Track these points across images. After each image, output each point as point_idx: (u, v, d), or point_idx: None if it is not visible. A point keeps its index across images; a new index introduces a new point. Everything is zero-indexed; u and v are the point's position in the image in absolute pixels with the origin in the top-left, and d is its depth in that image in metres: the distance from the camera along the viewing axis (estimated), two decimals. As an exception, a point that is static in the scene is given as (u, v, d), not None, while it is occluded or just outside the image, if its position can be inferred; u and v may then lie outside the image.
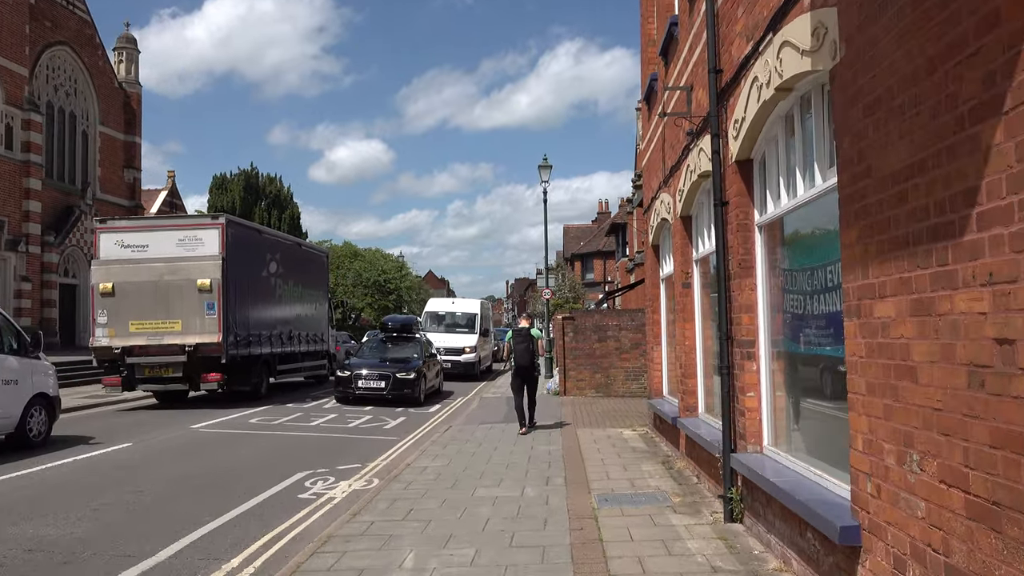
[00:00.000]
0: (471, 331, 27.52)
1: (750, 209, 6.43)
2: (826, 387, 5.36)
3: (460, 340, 26.53)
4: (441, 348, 24.62)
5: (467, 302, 30.74)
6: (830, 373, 5.20)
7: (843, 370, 4.85)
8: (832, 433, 5.15)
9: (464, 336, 27.01)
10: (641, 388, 19.03)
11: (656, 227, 11.56)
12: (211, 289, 16.74)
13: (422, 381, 18.06)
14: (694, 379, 9.18)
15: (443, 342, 25.47)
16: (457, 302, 30.96)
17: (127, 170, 37.71)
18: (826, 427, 5.37)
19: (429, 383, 19.04)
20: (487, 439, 12.11)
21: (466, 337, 26.91)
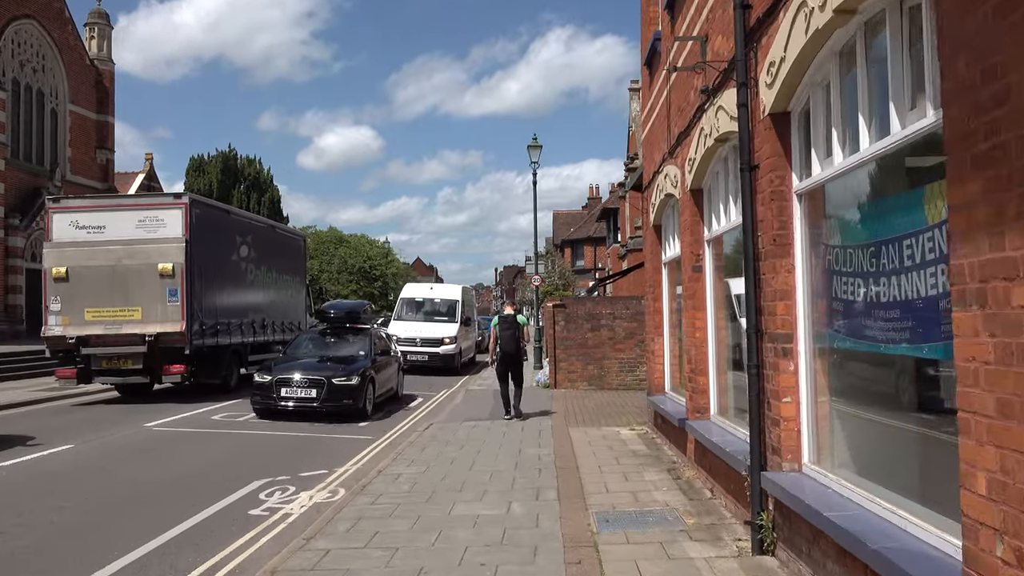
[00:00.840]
0: (451, 319, 24.78)
1: (787, 173, 5.25)
2: (902, 395, 4.22)
3: (438, 330, 23.95)
4: (417, 339, 22.99)
5: (447, 288, 27.73)
6: (907, 377, 4.04)
7: (935, 374, 3.70)
8: (908, 456, 4.01)
9: (443, 325, 24.28)
10: (636, 380, 17.92)
11: (658, 205, 10.39)
12: (174, 274, 15.46)
13: (369, 387, 13.78)
14: (705, 376, 8.03)
15: (419, 332, 23.52)
16: (436, 287, 27.84)
17: (100, 151, 36.18)
18: (897, 447, 4.23)
19: (382, 387, 14.98)
20: (470, 440, 10.95)
21: (445, 326, 24.26)
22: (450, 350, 23.59)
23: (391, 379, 15.97)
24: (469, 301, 27.92)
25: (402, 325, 24.27)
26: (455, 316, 24.91)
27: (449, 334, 23.86)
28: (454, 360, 23.67)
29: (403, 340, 22.60)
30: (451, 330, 24.15)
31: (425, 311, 25.23)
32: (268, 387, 13.40)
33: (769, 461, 5.38)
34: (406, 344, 22.56)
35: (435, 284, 27.86)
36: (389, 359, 16.10)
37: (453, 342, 23.75)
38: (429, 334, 23.55)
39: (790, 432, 5.15)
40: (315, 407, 13.17)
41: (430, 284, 27.20)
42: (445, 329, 24.04)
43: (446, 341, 23.55)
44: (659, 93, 9.99)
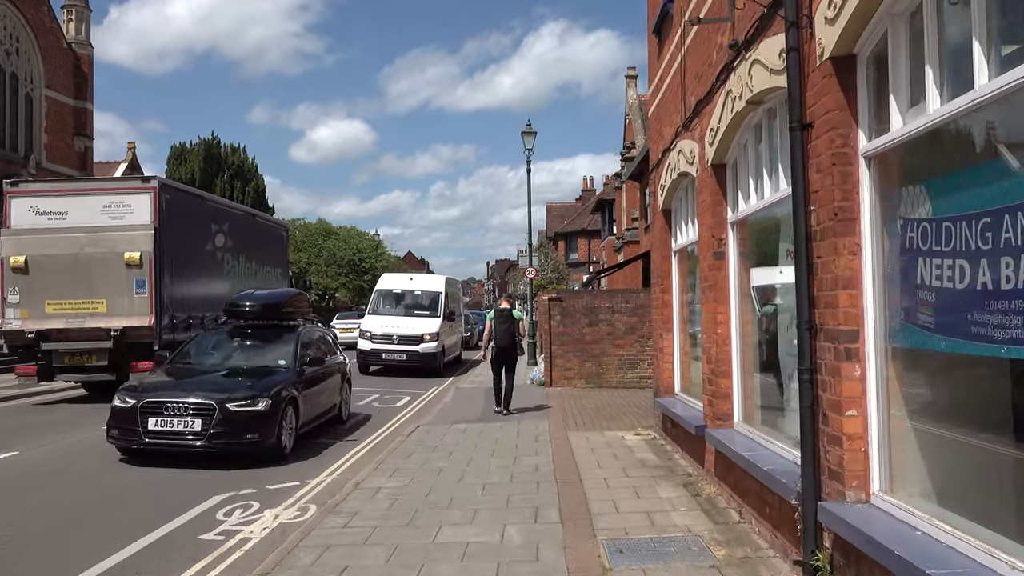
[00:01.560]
0: (433, 314, 22.00)
1: (851, 131, 4.23)
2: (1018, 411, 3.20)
3: (418, 325, 21.13)
4: (394, 335, 20.63)
5: (429, 278, 24.68)
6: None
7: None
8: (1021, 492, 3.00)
9: (424, 320, 21.51)
10: (637, 378, 16.93)
11: (669, 187, 9.36)
12: (141, 263, 14.35)
13: (289, 413, 9.72)
14: (728, 379, 7.02)
15: (396, 328, 20.93)
16: (417, 278, 24.39)
17: (78, 138, 34.86)
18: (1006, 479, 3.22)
19: (314, 411, 10.86)
20: (460, 445, 9.92)
21: (426, 321, 21.47)
22: (431, 348, 20.98)
23: (329, 397, 11.67)
24: (454, 294, 25.29)
25: (377, 320, 21.60)
26: (437, 310, 22.18)
27: (430, 330, 21.15)
28: (435, 360, 21.17)
29: (378, 337, 20.84)
30: (432, 325, 21.41)
31: (404, 304, 22.46)
32: (129, 416, 9.09)
33: (825, 487, 4.36)
34: (381, 341, 20.76)
35: (416, 274, 24.50)
36: (328, 369, 11.59)
37: (435, 339, 21.11)
38: (407, 330, 20.88)
39: (855, 453, 4.13)
40: (198, 447, 8.88)
41: (410, 275, 23.95)
42: (426, 324, 21.29)
43: (427, 338, 20.86)
44: (671, 60, 8.95)
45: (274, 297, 12.68)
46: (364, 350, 20.97)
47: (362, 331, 21.50)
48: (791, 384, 5.66)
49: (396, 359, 20.66)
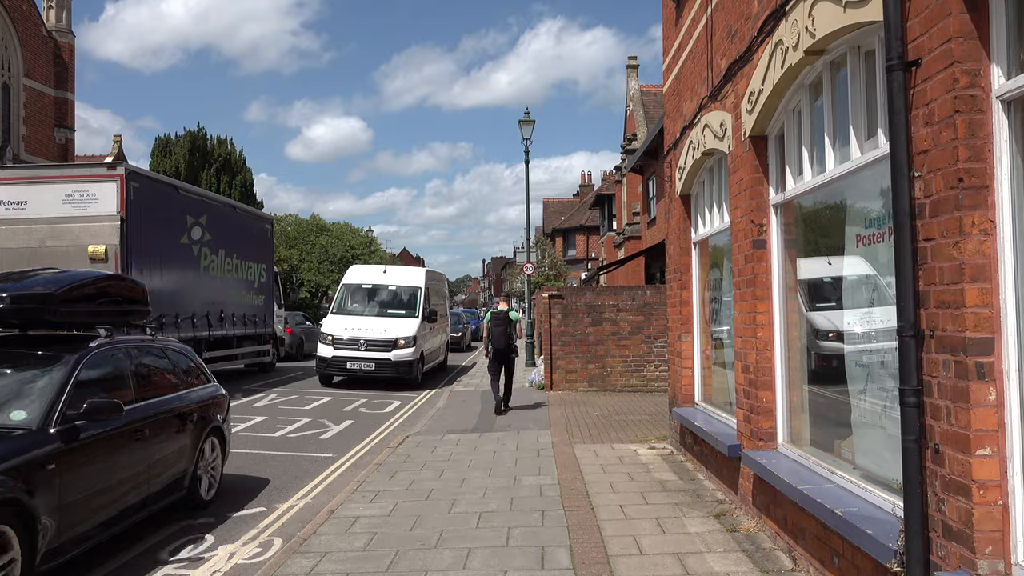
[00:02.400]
0: (410, 314, 18.28)
1: (982, 66, 3.10)
2: None
3: (391, 327, 17.51)
4: (361, 340, 17.07)
5: (406, 271, 20.65)
6: None
7: None
8: None
9: (398, 321, 17.83)
10: (643, 381, 15.82)
11: (690, 169, 8.23)
12: (106, 258, 13.19)
13: (38, 527, 4.64)
14: (770, 391, 5.89)
15: (364, 331, 17.33)
16: (392, 271, 20.38)
17: (58, 129, 33.69)
18: None
19: (108, 506, 5.57)
20: (453, 461, 8.79)
21: (401, 323, 17.78)
22: (406, 356, 17.22)
23: (153, 473, 6.28)
24: (438, 289, 21.87)
25: (342, 321, 17.86)
26: (416, 309, 18.43)
27: (405, 333, 17.42)
28: (412, 369, 17.42)
29: (342, 342, 17.24)
30: (409, 328, 17.65)
31: (376, 302, 18.84)
32: None
33: (939, 550, 3.24)
34: (345, 347, 17.16)
35: (391, 267, 20.93)
36: (156, 419, 6.44)
37: (411, 344, 17.36)
38: (378, 333, 17.25)
39: (989, 508, 3.01)
40: None
41: (383, 267, 20.45)
42: (400, 326, 17.59)
43: (401, 343, 17.18)
44: (694, 23, 7.82)
45: (37, 286, 6.22)
46: (324, 357, 17.31)
47: (322, 334, 17.71)
48: (862, 402, 4.55)
49: (363, 368, 17.04)
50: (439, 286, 22.44)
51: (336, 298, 19.32)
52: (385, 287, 19.24)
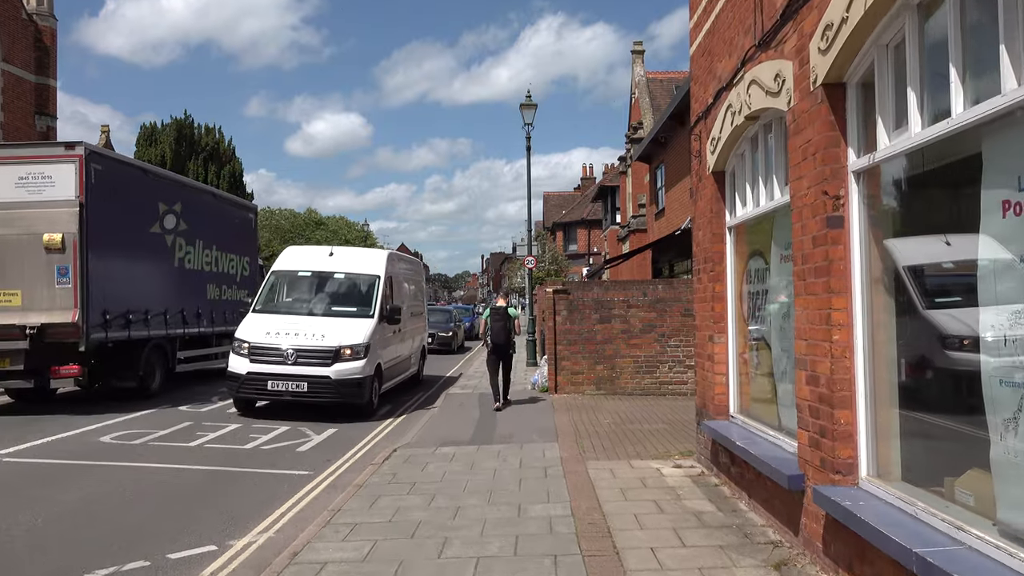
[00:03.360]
0: (363, 312, 13.03)
1: None
2: None
3: (334, 332, 12.28)
4: (288, 350, 11.83)
5: (362, 255, 14.99)
6: None
7: None
8: None
9: (345, 323, 12.61)
10: (656, 384, 14.54)
11: (726, 139, 6.93)
12: (64, 247, 11.89)
13: None
14: (849, 410, 4.60)
15: (293, 336, 12.07)
16: (340, 254, 14.53)
17: (40, 117, 32.25)
18: None
19: None
20: (446, 483, 7.50)
21: (349, 325, 12.55)
22: (352, 371, 11.99)
23: None
24: (408, 278, 16.50)
25: (265, 323, 12.51)
26: (371, 306, 13.14)
27: (352, 339, 12.19)
28: (361, 390, 12.10)
29: (261, 351, 11.94)
30: (357, 331, 12.40)
31: (319, 296, 13.67)
32: None
33: None
34: (266, 359, 11.87)
35: (340, 248, 15.24)
36: None
37: (360, 355, 12.11)
38: (312, 340, 12.01)
39: None
40: None
41: (330, 248, 14.90)
42: (346, 330, 12.37)
43: (346, 353, 11.97)
44: (736, -38, 6.50)
45: None
46: (236, 374, 12.06)
47: (235, 341, 12.44)
48: (1012, 436, 3.25)
49: (291, 391, 11.79)
50: (411, 274, 16.94)
51: (261, 290, 13.96)
52: (331, 276, 13.78)
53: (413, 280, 17.08)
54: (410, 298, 16.11)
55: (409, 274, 16.70)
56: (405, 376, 15.56)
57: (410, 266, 17.33)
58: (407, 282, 16.14)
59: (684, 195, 20.29)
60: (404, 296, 15.32)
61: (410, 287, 16.45)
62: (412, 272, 17.26)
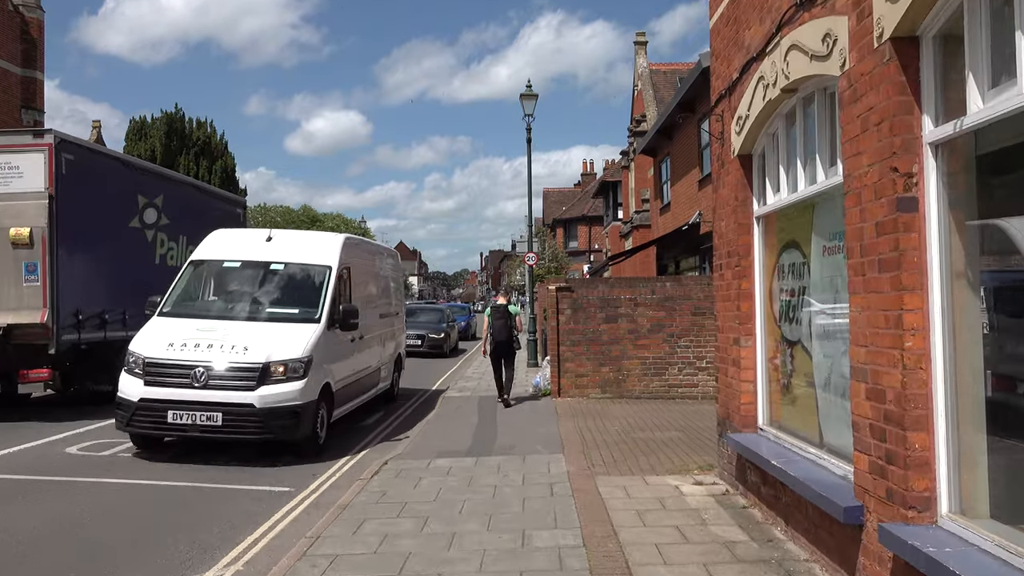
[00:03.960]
0: (306, 315, 9.80)
1: None
2: None
3: (261, 341, 9.08)
4: (197, 367, 8.67)
5: (309, 241, 11.45)
6: None
7: None
8: None
9: (279, 331, 9.41)
10: (664, 386, 13.75)
11: (756, 117, 6.14)
12: (32, 243, 11.10)
13: None
14: (925, 432, 3.81)
15: (207, 349, 8.89)
16: (282, 240, 10.97)
17: (26, 111, 31.38)
18: None
19: None
20: (440, 504, 6.70)
21: (283, 334, 9.34)
22: (285, 395, 8.79)
23: None
24: (376, 270, 13.15)
25: (171, 330, 9.35)
26: (317, 307, 9.91)
27: (286, 352, 9.01)
28: (299, 421, 8.87)
29: (160, 370, 8.82)
30: (294, 342, 9.21)
31: (249, 294, 10.32)
32: None
33: None
34: (168, 381, 8.74)
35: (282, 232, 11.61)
36: None
37: (296, 375, 8.95)
38: (230, 355, 8.85)
39: None
40: None
41: (268, 232, 11.23)
42: (279, 340, 9.18)
43: (276, 371, 8.82)
44: (770, -88, 5.70)
45: None
46: (126, 401, 8.88)
47: (129, 355, 9.24)
48: None
49: (200, 423, 8.58)
50: (379, 266, 13.50)
51: (173, 286, 10.45)
52: (266, 267, 10.38)
53: (383, 273, 13.74)
54: (380, 295, 13.23)
55: (376, 266, 13.31)
56: (371, 395, 12.25)
57: (378, 256, 13.89)
58: (374, 275, 12.99)
59: (691, 188, 19.50)
60: (369, 293, 12.35)
61: (379, 282, 13.29)
62: (381, 263, 13.80)
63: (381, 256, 14.21)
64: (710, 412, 11.64)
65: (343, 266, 10.69)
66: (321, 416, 9.41)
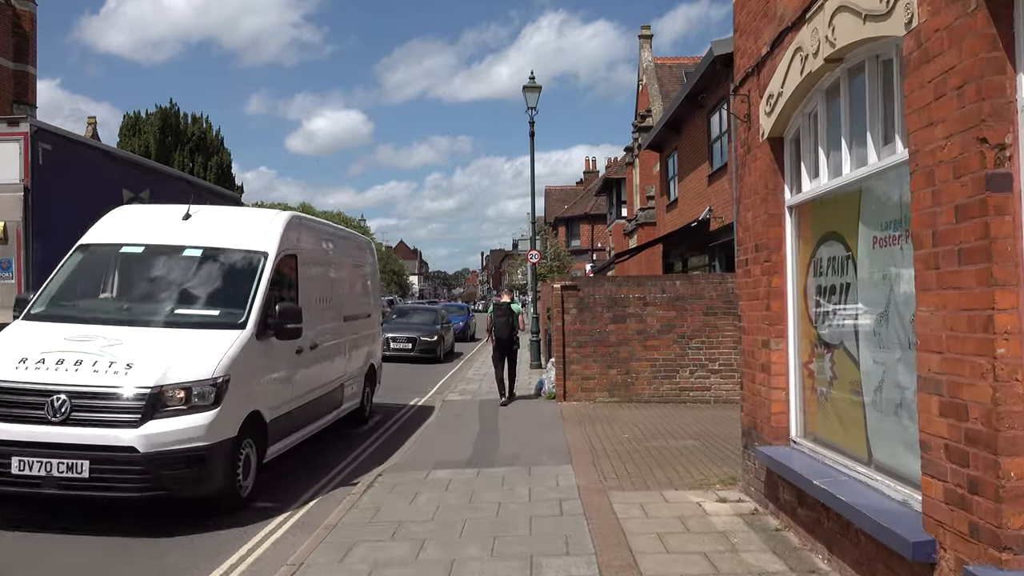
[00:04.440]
0: (228, 318, 7.16)
1: None
2: None
3: (151, 357, 6.39)
4: (59, 395, 6.02)
5: (237, 220, 8.49)
6: None
7: None
8: None
9: (183, 341, 6.75)
10: (675, 390, 13.08)
11: (792, 94, 5.48)
12: (5, 238, 10.43)
13: None
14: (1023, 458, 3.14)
15: (74, 370, 6.21)
16: (202, 216, 8.27)
17: (18, 106, 30.75)
18: None
19: None
20: (438, 525, 6.05)
21: (188, 344, 6.69)
22: (185, 433, 6.13)
23: None
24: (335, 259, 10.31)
25: (30, 339, 6.75)
26: (244, 306, 7.26)
27: (189, 372, 6.35)
28: (206, 470, 6.24)
29: (2, 398, 6.14)
30: (202, 356, 6.56)
31: (154, 289, 7.75)
32: None
33: None
34: (12, 414, 6.06)
35: (205, 209, 8.89)
36: None
37: (204, 403, 6.29)
38: (102, 376, 6.19)
39: None
40: None
41: (185, 208, 8.32)
42: (180, 353, 6.53)
43: (174, 400, 6.19)
44: None
45: None
46: None
47: None
48: None
49: (58, 475, 5.94)
50: (343, 256, 10.68)
51: (49, 281, 8.22)
52: (178, 253, 7.84)
53: (348, 265, 10.92)
54: (345, 293, 10.58)
55: (338, 255, 10.41)
56: (330, 419, 9.68)
57: (342, 243, 10.83)
58: (336, 267, 10.25)
59: (700, 184, 18.84)
60: (327, 289, 9.72)
61: (341, 275, 10.53)
62: (344, 252, 10.84)
63: (345, 243, 11.13)
64: (725, 417, 11.03)
65: (286, 253, 8.12)
66: (245, 458, 6.78)
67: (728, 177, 15.99)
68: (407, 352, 21.48)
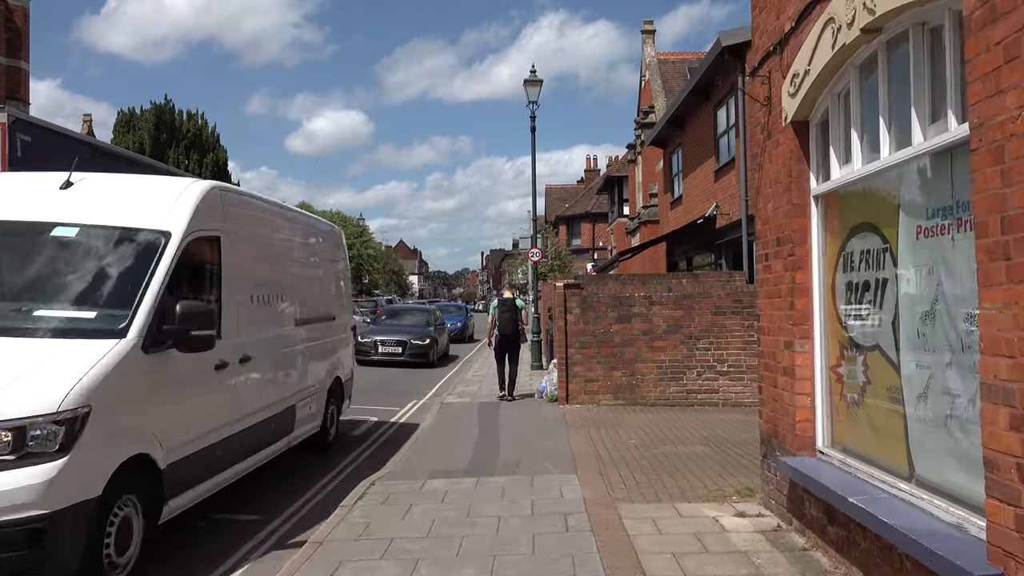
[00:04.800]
0: (102, 321, 5.11)
1: None
2: None
3: None
4: None
5: (132, 189, 6.30)
6: None
7: None
8: None
9: (16, 357, 4.64)
10: (682, 392, 12.60)
11: (821, 72, 5.00)
12: (-19, 233, 9.90)
13: None
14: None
15: None
16: (88, 185, 6.13)
17: (10, 102, 30.28)
18: None
19: None
20: (433, 541, 5.56)
21: (24, 363, 4.58)
22: (5, 502, 4.05)
23: None
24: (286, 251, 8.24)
25: None
26: (130, 305, 5.16)
27: (18, 407, 4.24)
28: (41, 557, 4.15)
29: None
30: (46, 380, 4.47)
31: (7, 278, 5.59)
32: None
33: None
34: None
35: (94, 176, 6.40)
36: None
37: (45, 453, 4.22)
38: None
39: None
40: None
41: (69, 174, 6.10)
42: (8, 376, 4.44)
43: None
44: None
45: None
46: None
47: None
48: None
49: None
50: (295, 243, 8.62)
51: None
52: (45, 233, 5.69)
53: (303, 255, 8.92)
54: (298, 290, 8.45)
55: (289, 242, 8.41)
56: (277, 449, 7.63)
57: (294, 227, 8.69)
58: (285, 257, 8.22)
59: (706, 180, 18.36)
60: (269, 285, 7.55)
61: (292, 268, 8.44)
62: (296, 238, 8.69)
63: (300, 228, 8.93)
64: (735, 421, 10.55)
65: (202, 235, 6.09)
66: (122, 522, 4.82)
67: (736, 172, 15.50)
68: (396, 357, 19.98)
